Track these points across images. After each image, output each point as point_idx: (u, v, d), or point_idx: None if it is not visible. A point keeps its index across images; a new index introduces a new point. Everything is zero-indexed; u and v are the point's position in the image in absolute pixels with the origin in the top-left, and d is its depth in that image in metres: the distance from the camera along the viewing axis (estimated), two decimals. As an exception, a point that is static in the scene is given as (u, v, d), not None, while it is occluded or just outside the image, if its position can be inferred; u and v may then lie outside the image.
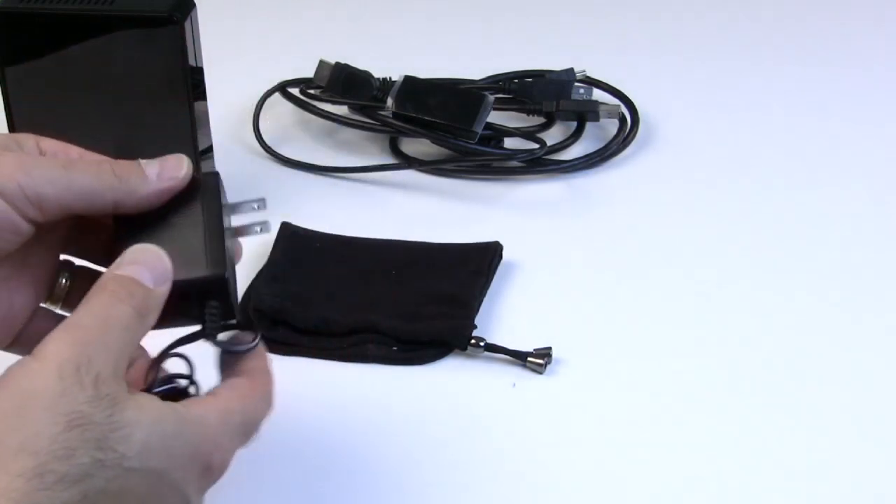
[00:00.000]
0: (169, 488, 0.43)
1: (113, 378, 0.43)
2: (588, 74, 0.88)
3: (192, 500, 0.45)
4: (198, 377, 0.49)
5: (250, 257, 0.67)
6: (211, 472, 0.46)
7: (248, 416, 0.47)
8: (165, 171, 0.50)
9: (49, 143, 0.51)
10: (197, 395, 0.48)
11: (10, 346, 0.51)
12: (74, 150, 0.51)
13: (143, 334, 0.46)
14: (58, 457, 0.40)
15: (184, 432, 0.44)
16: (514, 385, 0.61)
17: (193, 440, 0.44)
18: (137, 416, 0.42)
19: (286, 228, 0.72)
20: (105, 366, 0.43)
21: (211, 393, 0.48)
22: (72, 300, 0.52)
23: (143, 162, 0.50)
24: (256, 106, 0.85)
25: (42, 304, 0.52)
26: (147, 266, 0.46)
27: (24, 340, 0.51)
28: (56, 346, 0.43)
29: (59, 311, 0.52)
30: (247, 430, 0.48)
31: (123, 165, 0.49)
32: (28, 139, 0.50)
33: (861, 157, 0.82)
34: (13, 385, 0.42)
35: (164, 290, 0.47)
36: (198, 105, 0.72)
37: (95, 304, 0.45)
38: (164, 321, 0.47)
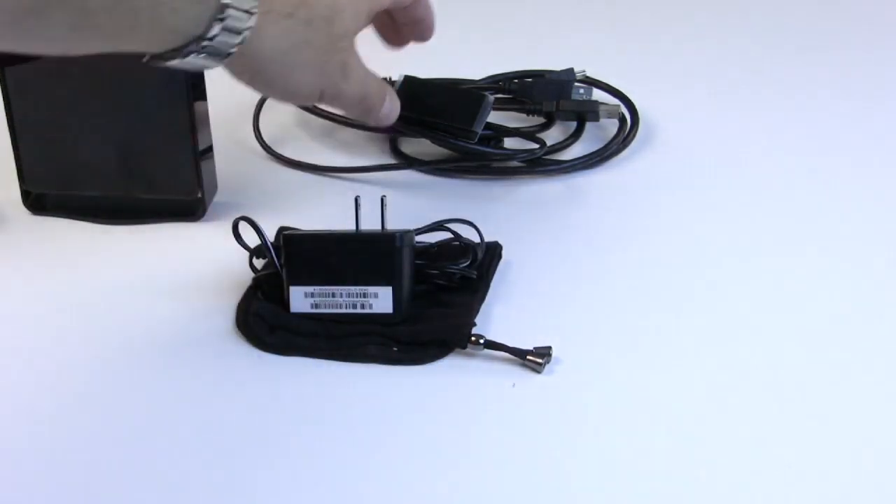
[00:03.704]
0: None
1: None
2: (588, 74, 0.88)
3: None
4: None
5: (243, 256, 0.67)
6: None
7: None
8: None
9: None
10: None
11: None
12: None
13: None
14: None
15: None
16: (514, 385, 0.61)
17: None
18: None
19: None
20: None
21: None
22: None
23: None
24: (256, 106, 0.85)
25: None
26: None
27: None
28: None
29: None
30: None
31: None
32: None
33: (863, 158, 0.82)
34: None
35: None
36: (198, 105, 0.72)
37: None
38: None
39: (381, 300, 0.64)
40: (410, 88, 0.80)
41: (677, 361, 0.63)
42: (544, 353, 0.62)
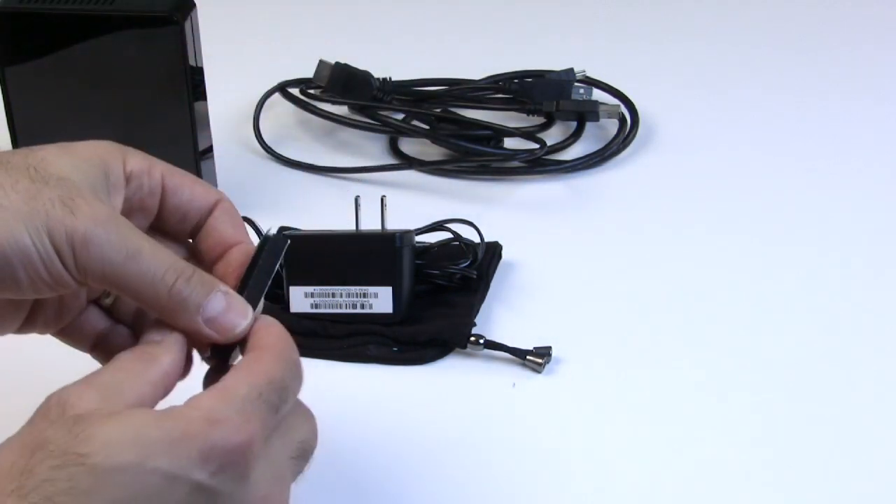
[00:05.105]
0: (159, 478, 0.40)
1: (90, 403, 0.41)
2: (588, 74, 0.88)
3: (207, 484, 0.41)
4: None
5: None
6: (216, 451, 0.41)
7: (256, 383, 0.43)
8: (220, 323, 0.46)
9: (136, 162, 0.49)
10: None
11: (57, 334, 0.51)
12: (158, 171, 0.49)
13: (154, 374, 0.44)
14: (12, 476, 0.39)
15: (164, 421, 0.41)
16: (514, 385, 0.61)
17: (177, 425, 0.41)
18: (103, 422, 0.40)
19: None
20: (82, 396, 0.42)
21: None
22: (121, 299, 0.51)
23: (215, 292, 0.46)
24: (256, 106, 0.85)
25: (92, 302, 0.51)
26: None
27: (70, 331, 0.51)
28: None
29: (106, 303, 0.51)
30: (263, 396, 0.43)
31: (190, 285, 0.45)
32: (115, 160, 0.48)
33: (864, 158, 0.82)
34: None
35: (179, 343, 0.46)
36: (198, 105, 0.72)
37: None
38: None
39: (381, 300, 0.64)
40: None
41: (677, 361, 0.63)
42: (544, 353, 0.62)
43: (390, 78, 0.85)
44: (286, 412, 0.45)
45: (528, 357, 0.62)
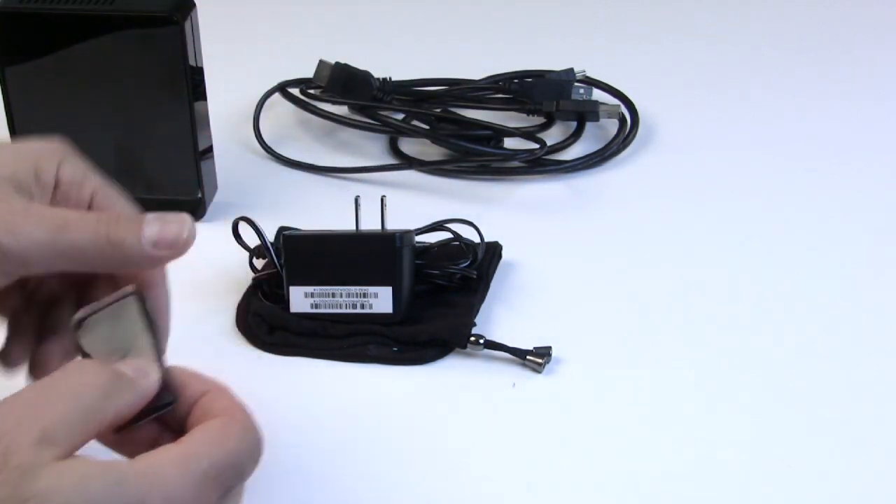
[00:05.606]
0: None
1: (32, 447, 0.39)
2: (588, 74, 0.88)
3: None
4: None
5: (243, 256, 0.67)
6: None
7: (219, 460, 0.42)
8: (163, 238, 0.47)
9: (69, 170, 0.49)
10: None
11: None
12: (90, 187, 0.49)
13: (108, 413, 0.43)
14: None
15: (121, 489, 0.40)
16: (514, 385, 0.61)
17: (135, 494, 0.40)
18: (55, 483, 0.39)
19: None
20: (24, 434, 0.39)
21: (177, 441, 0.43)
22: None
23: (146, 220, 0.47)
24: (256, 106, 0.85)
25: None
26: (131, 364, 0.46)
27: None
28: None
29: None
30: (222, 477, 0.43)
31: (121, 226, 0.46)
32: (49, 161, 0.48)
33: (863, 158, 0.82)
34: None
35: (145, 381, 0.45)
36: (198, 105, 0.72)
37: (56, 374, 0.43)
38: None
39: (381, 300, 0.64)
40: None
41: (677, 361, 0.63)
42: (544, 353, 0.62)
43: (390, 78, 0.85)
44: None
45: (528, 357, 0.62)
